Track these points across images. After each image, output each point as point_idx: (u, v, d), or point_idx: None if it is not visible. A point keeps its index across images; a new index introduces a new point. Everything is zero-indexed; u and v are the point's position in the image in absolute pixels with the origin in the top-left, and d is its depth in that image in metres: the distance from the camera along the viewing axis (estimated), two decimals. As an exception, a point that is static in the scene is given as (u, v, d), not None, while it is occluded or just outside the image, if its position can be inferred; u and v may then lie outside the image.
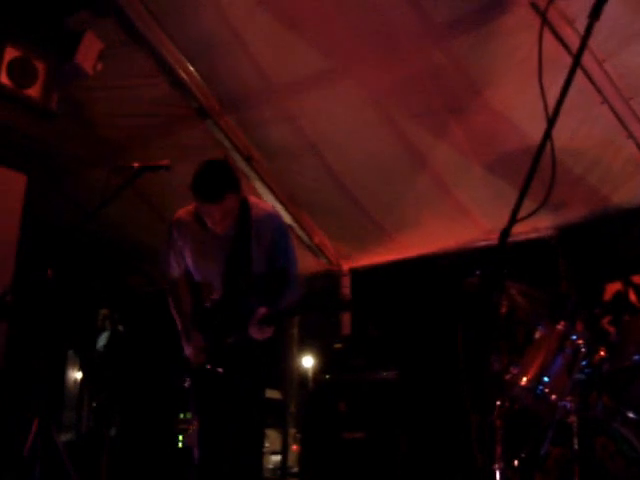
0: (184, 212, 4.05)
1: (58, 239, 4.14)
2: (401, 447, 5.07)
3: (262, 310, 3.70)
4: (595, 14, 2.19)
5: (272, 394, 9.78)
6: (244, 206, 3.90)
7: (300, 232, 6.54)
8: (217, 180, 3.74)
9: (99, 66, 5.04)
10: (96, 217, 3.82)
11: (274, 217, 4.03)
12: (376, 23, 4.83)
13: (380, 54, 5.00)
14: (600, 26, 2.19)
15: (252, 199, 4.06)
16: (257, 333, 3.71)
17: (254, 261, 3.87)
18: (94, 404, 6.22)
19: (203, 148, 5.88)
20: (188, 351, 4.00)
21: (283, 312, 3.81)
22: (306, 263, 6.72)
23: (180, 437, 5.71)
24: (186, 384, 4.06)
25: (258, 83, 5.43)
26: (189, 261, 4.03)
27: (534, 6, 4.26)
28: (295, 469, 6.89)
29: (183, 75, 5.47)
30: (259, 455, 4.02)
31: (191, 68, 5.47)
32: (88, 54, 4.90)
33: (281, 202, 6.29)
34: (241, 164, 5.98)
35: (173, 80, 5.49)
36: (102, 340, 6.38)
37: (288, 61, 5.23)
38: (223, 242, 3.90)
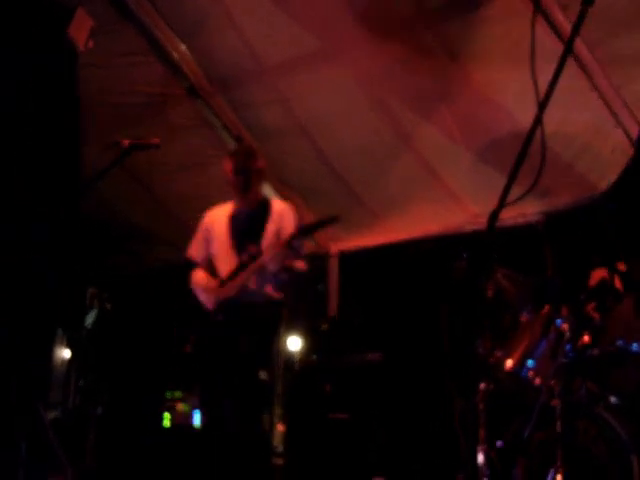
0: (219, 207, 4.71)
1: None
2: (385, 429, 5.11)
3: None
4: (588, 0, 2.20)
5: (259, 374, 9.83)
6: (265, 200, 4.66)
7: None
8: (249, 154, 4.67)
9: (90, 43, 5.01)
10: (85, 195, 3.82)
11: (291, 208, 4.70)
12: (368, 5, 4.83)
13: (372, 36, 4.99)
14: (593, 13, 2.19)
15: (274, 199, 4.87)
16: (272, 260, 4.23)
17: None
18: (81, 382, 6.22)
19: (193, 128, 5.87)
20: (207, 299, 4.46)
21: (287, 242, 4.28)
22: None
23: (167, 416, 5.73)
24: (187, 348, 4.35)
25: (249, 63, 5.41)
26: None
27: (526, -9, 4.27)
28: (280, 449, 6.93)
29: (174, 54, 5.45)
30: (260, 420, 4.28)
31: (183, 47, 5.44)
32: (80, 30, 4.87)
33: (270, 183, 6.29)
34: (231, 144, 5.97)
35: (164, 59, 5.47)
36: (90, 319, 6.38)
37: (280, 41, 5.21)
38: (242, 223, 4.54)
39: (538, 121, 2.12)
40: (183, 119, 5.83)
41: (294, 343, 6.20)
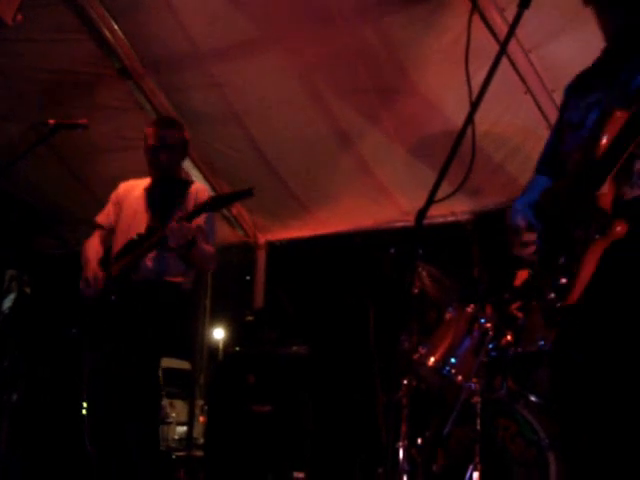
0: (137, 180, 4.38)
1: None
2: (308, 422, 5.11)
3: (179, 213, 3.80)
4: (525, 3, 2.20)
5: (181, 365, 9.73)
6: (186, 180, 4.39)
7: (218, 202, 6.46)
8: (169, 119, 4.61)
9: (19, 17, 4.84)
10: (8, 174, 3.70)
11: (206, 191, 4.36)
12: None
13: (310, 27, 4.96)
14: (529, 17, 2.20)
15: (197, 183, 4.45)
16: (173, 234, 3.73)
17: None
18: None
19: (123, 110, 5.73)
20: (84, 282, 4.05)
21: (195, 211, 3.84)
22: (222, 233, 6.65)
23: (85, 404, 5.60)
24: (74, 330, 4.05)
25: (184, 47, 5.31)
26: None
27: (466, -9, 4.29)
28: (201, 440, 6.88)
29: (107, 33, 5.31)
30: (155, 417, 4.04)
31: (115, 26, 5.31)
32: (8, 4, 4.70)
33: (200, 170, 6.21)
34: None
35: (96, 38, 5.32)
36: (8, 302, 6.19)
37: (216, 26, 5.12)
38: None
39: (470, 121, 2.12)
40: (113, 100, 5.69)
41: (218, 333, 6.15)
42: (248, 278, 7.02)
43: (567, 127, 2.50)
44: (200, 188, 4.34)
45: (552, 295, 2.18)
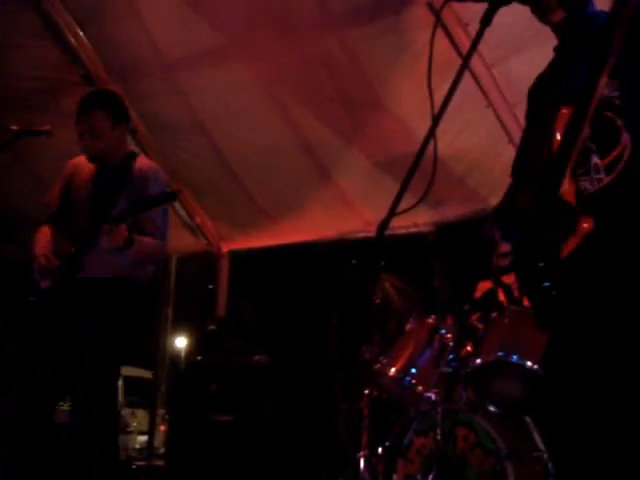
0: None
1: None
2: (270, 432, 5.10)
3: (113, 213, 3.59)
4: (487, 20, 2.24)
5: (142, 373, 9.65)
6: (129, 157, 3.94)
7: (181, 210, 6.43)
8: (91, 94, 4.04)
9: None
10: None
11: (158, 172, 3.99)
12: (273, 4, 4.82)
13: (275, 37, 4.99)
14: (492, 33, 2.24)
15: (142, 156, 4.09)
16: (107, 238, 3.52)
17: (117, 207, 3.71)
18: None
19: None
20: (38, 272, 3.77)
21: (127, 211, 3.57)
22: (185, 242, 6.64)
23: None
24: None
25: (149, 55, 5.31)
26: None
27: (430, 5, 4.35)
28: (162, 450, 6.81)
29: (72, 40, 5.29)
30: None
31: (80, 33, 5.29)
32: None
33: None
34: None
35: (61, 44, 5.30)
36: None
37: (182, 35, 5.14)
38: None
39: (432, 134, 2.15)
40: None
41: (181, 342, 6.13)
42: (211, 287, 7.00)
43: (532, 128, 2.56)
44: (144, 168, 3.94)
45: (538, 300, 2.20)
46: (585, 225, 2.11)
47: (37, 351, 3.75)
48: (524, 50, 4.37)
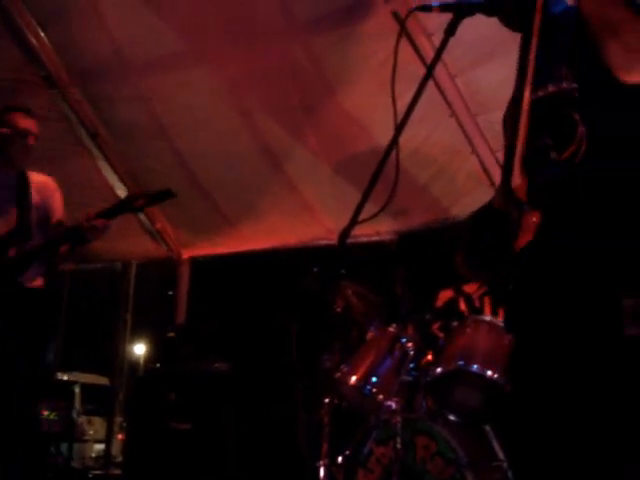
0: None
1: None
2: (229, 440, 5.05)
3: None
4: (451, 30, 2.24)
5: (99, 380, 9.52)
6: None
7: (141, 216, 6.36)
8: None
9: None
10: None
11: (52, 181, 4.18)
12: (238, 10, 4.79)
13: (239, 43, 4.97)
14: (456, 43, 2.24)
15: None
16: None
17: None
18: None
19: (46, 119, 5.59)
20: None
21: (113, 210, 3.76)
22: (145, 248, 6.58)
23: None
24: None
25: (112, 58, 5.25)
26: None
27: (395, 15, 4.36)
28: (119, 459, 6.73)
29: (32, 40, 5.21)
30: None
31: (42, 34, 5.22)
32: None
33: (124, 183, 6.11)
34: (86, 140, 5.77)
35: (21, 44, 5.22)
36: None
37: (146, 39, 5.09)
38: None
39: (394, 142, 2.14)
40: (37, 109, 5.55)
41: (139, 349, 6.06)
42: (171, 293, 6.93)
43: None
44: (45, 180, 4.19)
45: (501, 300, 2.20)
46: (534, 219, 2.10)
47: None
48: (488, 61, 4.40)
